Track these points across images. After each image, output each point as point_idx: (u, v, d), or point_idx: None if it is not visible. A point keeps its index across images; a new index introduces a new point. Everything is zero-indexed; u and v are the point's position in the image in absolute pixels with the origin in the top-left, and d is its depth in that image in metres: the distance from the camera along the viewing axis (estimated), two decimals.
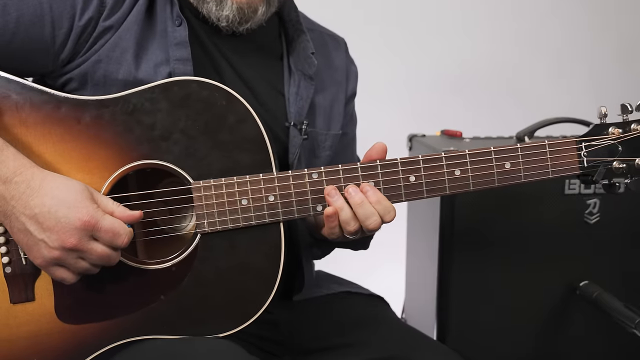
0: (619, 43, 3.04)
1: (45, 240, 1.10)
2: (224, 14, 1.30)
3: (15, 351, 1.20)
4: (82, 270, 1.14)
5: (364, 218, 1.21)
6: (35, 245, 1.12)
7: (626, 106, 1.27)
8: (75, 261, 1.13)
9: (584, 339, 1.88)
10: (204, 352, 1.16)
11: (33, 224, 1.11)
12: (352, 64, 1.60)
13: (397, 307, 1.95)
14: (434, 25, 2.92)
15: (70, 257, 1.12)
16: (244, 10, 1.30)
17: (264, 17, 1.34)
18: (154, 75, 1.27)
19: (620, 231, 1.85)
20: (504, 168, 1.26)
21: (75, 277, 1.15)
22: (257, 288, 1.23)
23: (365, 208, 1.21)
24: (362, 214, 1.21)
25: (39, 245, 1.11)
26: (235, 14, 1.30)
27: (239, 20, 1.31)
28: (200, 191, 1.21)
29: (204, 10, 1.31)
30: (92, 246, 1.12)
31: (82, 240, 1.11)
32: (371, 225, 1.21)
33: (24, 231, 1.12)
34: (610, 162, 1.28)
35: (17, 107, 1.18)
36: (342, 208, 1.21)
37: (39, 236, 1.11)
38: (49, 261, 1.12)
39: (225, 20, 1.30)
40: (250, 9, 1.31)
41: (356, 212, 1.21)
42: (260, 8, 1.32)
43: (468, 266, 1.82)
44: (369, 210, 1.21)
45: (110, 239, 1.12)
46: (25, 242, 1.13)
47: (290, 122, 1.40)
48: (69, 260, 1.12)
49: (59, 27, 1.23)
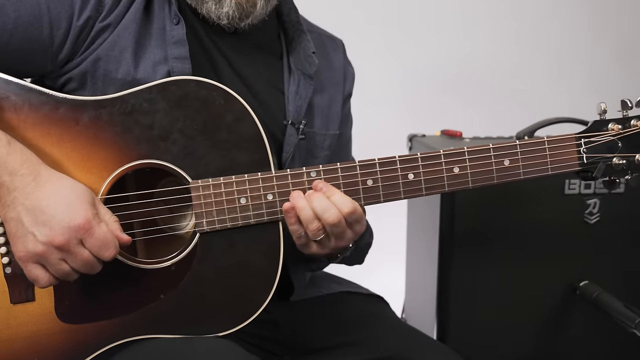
0: (619, 43, 3.04)
1: (35, 233, 1.09)
2: (224, 11, 1.29)
3: (15, 351, 1.20)
4: (61, 273, 1.12)
5: (322, 212, 1.18)
6: (22, 237, 1.10)
7: (626, 102, 1.26)
8: (57, 262, 1.11)
9: (584, 339, 1.88)
10: (204, 352, 1.16)
11: (28, 215, 1.10)
12: (350, 65, 1.61)
13: (397, 307, 1.95)
14: (434, 25, 2.92)
15: (53, 255, 1.10)
16: (243, 6, 1.30)
17: (264, 12, 1.34)
18: (153, 74, 1.27)
19: (620, 231, 1.85)
20: (502, 165, 1.26)
21: (49, 280, 1.13)
22: (256, 287, 1.23)
23: (322, 201, 1.19)
24: (319, 208, 1.19)
25: (27, 237, 1.10)
26: (235, 10, 1.30)
27: (239, 16, 1.31)
28: (198, 190, 1.21)
29: (204, 10, 1.31)
30: (79, 250, 1.11)
31: (71, 241, 1.10)
32: (329, 219, 1.18)
33: (16, 220, 1.10)
34: (610, 158, 1.27)
35: (16, 108, 1.18)
36: (303, 207, 1.19)
37: (29, 228, 1.09)
38: (30, 256, 1.10)
39: (225, 18, 1.30)
40: (249, 4, 1.30)
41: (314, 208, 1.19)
42: (259, 2, 1.32)
43: (468, 266, 1.82)
44: (325, 204, 1.19)
45: (98, 248, 1.11)
46: (14, 232, 1.11)
47: (288, 121, 1.40)
48: (51, 260, 1.11)
49: (57, 27, 1.23)
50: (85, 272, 1.14)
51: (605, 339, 1.88)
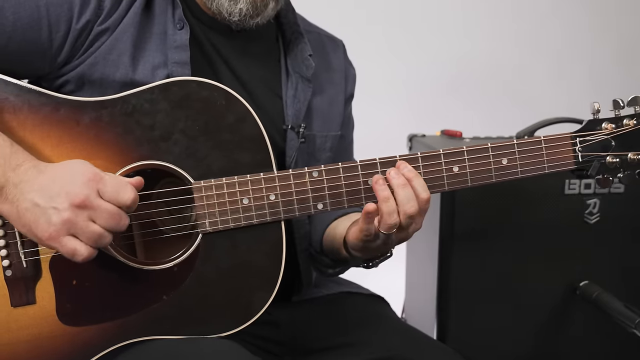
0: (619, 44, 3.05)
1: (54, 205, 1.06)
2: (238, 7, 1.31)
3: (17, 355, 1.19)
4: (95, 235, 1.07)
5: (404, 201, 1.18)
6: (43, 215, 1.07)
7: (618, 102, 1.29)
8: (86, 224, 1.07)
9: (584, 339, 1.88)
10: (207, 353, 1.16)
11: (41, 196, 1.07)
12: (351, 66, 1.61)
13: (397, 307, 1.95)
14: (435, 25, 2.93)
15: (80, 217, 1.06)
16: (257, 4, 1.32)
17: (272, 13, 1.36)
18: (152, 78, 1.27)
19: (620, 231, 1.85)
20: (501, 164, 1.27)
21: (87, 250, 1.08)
22: (259, 287, 1.23)
23: (407, 191, 1.19)
24: (402, 197, 1.19)
25: (48, 213, 1.06)
26: (249, 7, 1.31)
27: (252, 14, 1.32)
28: (201, 191, 1.21)
29: (214, 6, 1.32)
30: (100, 202, 1.07)
31: (89, 196, 1.06)
32: (410, 210, 1.18)
33: (31, 207, 1.07)
34: (604, 156, 1.30)
35: (15, 110, 1.17)
36: (389, 198, 1.19)
37: (47, 205, 1.06)
38: (59, 228, 1.06)
39: (238, 15, 1.31)
40: (262, 3, 1.32)
41: (396, 195, 1.19)
42: (271, 3, 1.34)
43: (468, 266, 1.82)
44: (410, 194, 1.19)
45: (116, 193, 1.08)
46: (33, 219, 1.07)
47: (288, 125, 1.40)
48: (80, 223, 1.07)
49: (56, 30, 1.23)
50: (116, 229, 1.09)
51: (605, 339, 1.88)
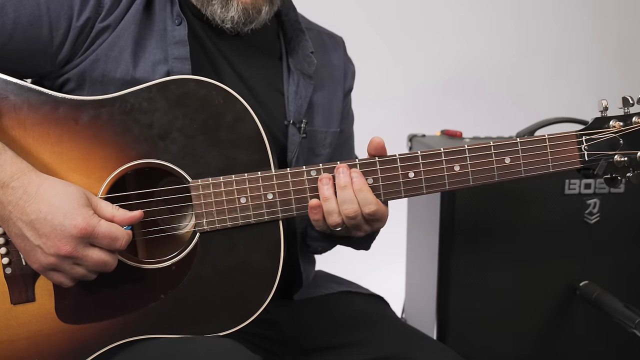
0: (618, 44, 3.04)
1: (41, 246, 1.11)
2: (230, 15, 1.30)
3: (16, 352, 1.20)
4: (78, 275, 1.14)
5: (342, 202, 1.20)
6: (32, 251, 1.12)
7: (627, 99, 1.25)
8: (70, 267, 1.13)
9: (584, 339, 1.88)
10: (206, 351, 1.16)
11: (29, 230, 1.11)
12: (350, 62, 1.61)
13: (397, 307, 1.95)
14: (434, 25, 2.93)
15: (65, 263, 1.12)
16: (249, 11, 1.31)
17: (267, 17, 1.35)
18: (152, 74, 1.27)
19: (620, 231, 1.85)
20: (503, 163, 1.25)
21: (72, 281, 1.16)
22: (257, 286, 1.23)
23: (346, 192, 1.20)
24: (341, 197, 1.20)
25: (36, 250, 1.12)
26: (241, 15, 1.30)
27: (244, 21, 1.32)
28: (198, 190, 1.21)
29: (208, 12, 1.32)
30: (87, 253, 1.12)
31: (77, 247, 1.11)
32: (346, 211, 1.20)
33: (21, 236, 1.12)
34: (611, 155, 1.26)
35: (15, 108, 1.18)
36: (329, 198, 1.21)
37: (35, 242, 1.11)
38: (45, 266, 1.13)
39: (230, 22, 1.31)
40: (254, 10, 1.31)
41: (337, 194, 1.21)
42: (264, 8, 1.33)
43: (468, 266, 1.82)
44: (349, 196, 1.20)
45: (109, 243, 1.12)
46: (22, 247, 1.13)
47: (289, 121, 1.40)
48: (65, 267, 1.13)
49: (57, 28, 1.23)
50: (102, 271, 1.15)
51: (605, 339, 1.88)
